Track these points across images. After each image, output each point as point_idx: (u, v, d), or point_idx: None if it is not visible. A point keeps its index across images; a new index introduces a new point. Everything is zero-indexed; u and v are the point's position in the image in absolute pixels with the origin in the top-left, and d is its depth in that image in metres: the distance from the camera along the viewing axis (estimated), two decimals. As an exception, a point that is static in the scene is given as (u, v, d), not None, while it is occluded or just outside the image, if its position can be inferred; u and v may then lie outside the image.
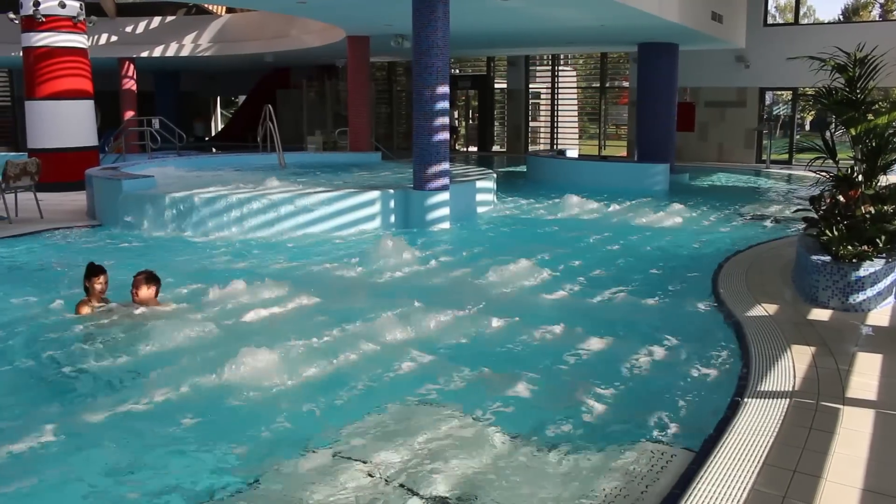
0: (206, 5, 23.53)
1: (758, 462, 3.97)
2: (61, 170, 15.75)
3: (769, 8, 23.23)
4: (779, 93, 24.61)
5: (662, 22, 14.88)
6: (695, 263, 9.26)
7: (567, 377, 5.55)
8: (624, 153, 25.74)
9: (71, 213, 13.28)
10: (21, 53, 17.09)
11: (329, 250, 10.12)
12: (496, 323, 6.72)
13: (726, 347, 6.02)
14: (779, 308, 6.89)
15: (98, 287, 6.85)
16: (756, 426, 4.38)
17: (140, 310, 6.75)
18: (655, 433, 4.56)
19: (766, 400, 4.77)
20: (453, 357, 5.90)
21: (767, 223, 12.45)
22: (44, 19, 16.27)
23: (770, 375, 5.18)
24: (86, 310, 6.78)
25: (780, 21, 26.63)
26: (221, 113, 37.58)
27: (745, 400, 4.77)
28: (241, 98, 34.78)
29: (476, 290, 7.95)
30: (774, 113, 24.94)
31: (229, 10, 23.80)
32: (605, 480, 4.00)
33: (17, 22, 16.94)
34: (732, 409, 4.65)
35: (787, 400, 4.77)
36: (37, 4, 16.10)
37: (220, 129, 34.96)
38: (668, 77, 19.25)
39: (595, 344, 6.23)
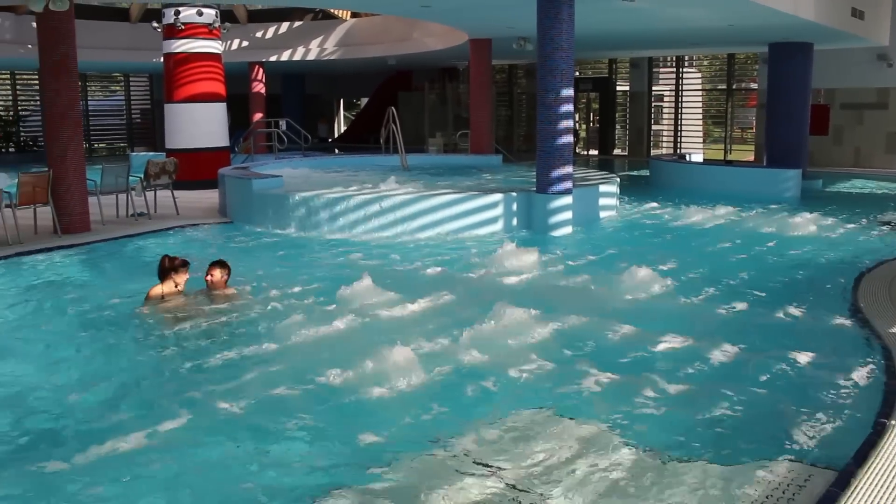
0: (332, 10, 24.12)
1: (908, 489, 3.74)
2: (196, 169, 16.48)
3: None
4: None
5: (797, 21, 14.24)
6: (830, 275, 8.82)
7: (696, 389, 5.37)
8: (751, 158, 24.82)
9: (204, 210, 13.89)
10: (161, 59, 18.04)
11: (451, 253, 10.17)
12: (619, 331, 6.59)
13: (867, 364, 5.70)
14: (927, 324, 6.48)
15: (179, 280, 7.34)
16: (906, 450, 4.13)
17: (215, 292, 7.42)
18: (791, 451, 4.36)
19: (916, 422, 4.49)
20: (577, 364, 5.82)
21: (912, 233, 11.74)
22: (183, 27, 17.12)
23: (920, 396, 4.88)
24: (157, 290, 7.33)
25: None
26: (344, 115, 38.44)
27: (893, 423, 4.49)
28: (363, 100, 35.50)
29: (598, 296, 7.84)
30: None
31: (354, 15, 24.32)
32: (737, 497, 3.85)
33: (159, 30, 17.90)
34: (878, 432, 4.39)
35: (940, 423, 4.48)
36: (177, 13, 16.97)
37: (342, 131, 35.78)
38: (802, 78, 18.41)
39: (724, 356, 6.01)
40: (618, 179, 14.15)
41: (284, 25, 24.76)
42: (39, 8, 10.93)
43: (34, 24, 17.65)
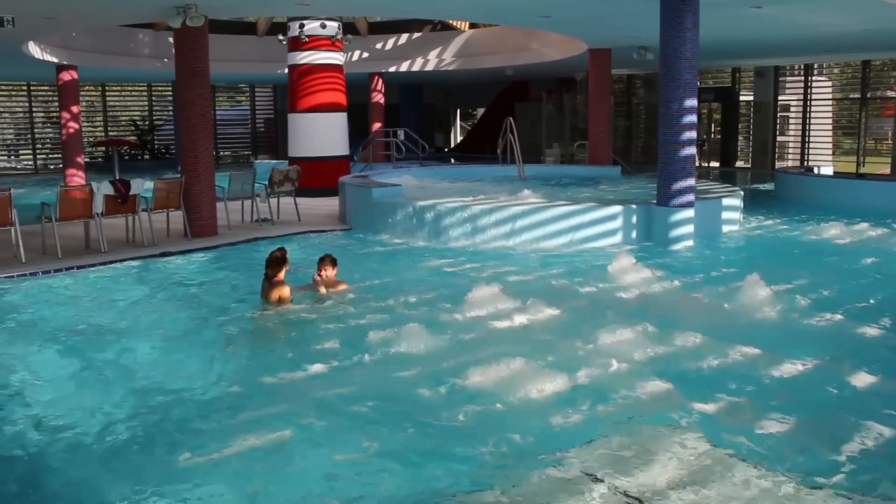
0: (450, 21, 24.37)
1: None
2: (317, 177, 16.94)
3: None
4: None
5: (942, 26, 13.46)
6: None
7: (821, 414, 5.11)
8: (886, 171, 23.54)
9: (325, 217, 14.26)
10: (286, 70, 18.67)
11: (568, 264, 10.07)
12: (740, 350, 6.32)
13: None
14: None
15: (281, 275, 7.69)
16: None
17: (322, 290, 7.88)
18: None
19: None
20: (694, 382, 5.65)
21: None
22: (307, 39, 17.68)
23: None
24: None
25: None
26: (460, 125, 38.75)
27: None
28: (479, 110, 35.67)
29: (719, 313, 7.57)
30: None
31: (472, 26, 24.49)
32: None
33: (284, 43, 18.54)
34: None
35: None
36: (302, 26, 17.54)
37: (459, 141, 36.06)
38: (945, 87, 17.36)
39: (856, 381, 5.68)
40: (741, 192, 13.69)
41: (404, 37, 25.17)
42: (178, 24, 11.53)
43: (171, 39, 18.57)
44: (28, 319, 7.69)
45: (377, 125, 25.30)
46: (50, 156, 30.58)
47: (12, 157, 31.00)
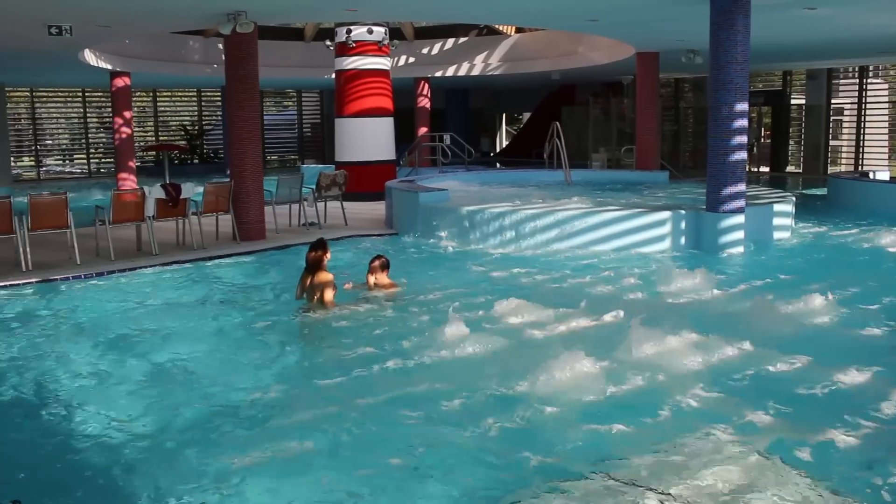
0: (497, 26, 24.34)
1: None
2: (364, 181, 17.04)
3: None
4: None
5: None
6: None
7: (881, 428, 4.97)
8: (944, 176, 22.91)
9: (371, 221, 14.33)
10: (333, 76, 18.82)
11: (616, 270, 9.97)
12: (791, 360, 6.18)
13: None
14: None
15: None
16: None
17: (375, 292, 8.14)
18: None
19: None
20: (745, 392, 5.55)
21: None
22: (354, 45, 17.82)
23: None
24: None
25: None
26: (506, 129, 38.69)
27: None
28: (525, 115, 35.58)
29: (769, 322, 7.38)
30: None
31: (519, 30, 24.44)
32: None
33: (331, 48, 18.71)
34: None
35: None
36: (349, 32, 17.68)
37: (504, 145, 36.01)
38: None
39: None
40: (793, 198, 13.43)
41: (450, 42, 25.22)
42: (228, 30, 11.70)
43: (220, 46, 18.85)
44: (82, 320, 7.86)
45: (423, 130, 25.38)
46: (103, 160, 31.25)
47: (67, 162, 31.74)
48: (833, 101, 26.25)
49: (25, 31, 12.76)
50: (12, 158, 27.44)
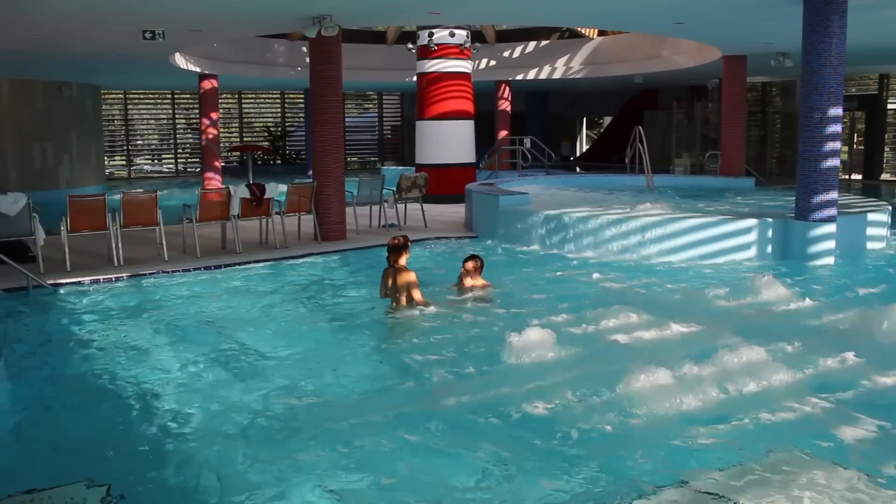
0: (579, 29, 24.12)
1: None
2: (444, 184, 17.09)
3: None
4: None
5: None
6: None
7: None
8: None
9: (451, 223, 14.35)
10: (414, 79, 18.95)
11: (700, 278, 9.75)
12: (886, 376, 5.92)
13: None
14: None
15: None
16: None
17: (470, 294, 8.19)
18: None
19: None
20: (839, 408, 5.32)
21: None
22: (436, 48, 17.90)
23: None
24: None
25: None
26: (586, 133, 38.34)
27: None
28: (606, 119, 35.19)
29: (861, 335, 7.09)
30: None
31: (601, 33, 24.17)
32: None
33: (413, 51, 18.84)
34: None
35: None
36: (431, 35, 17.77)
37: (585, 150, 35.68)
38: None
39: None
40: (889, 207, 12.89)
41: (531, 45, 25.11)
42: (313, 34, 11.88)
43: (304, 49, 19.16)
44: (168, 315, 8.08)
45: (503, 133, 25.33)
46: (189, 160, 32.17)
47: (156, 161, 32.79)
48: (933, 106, 25.18)
49: (122, 36, 13.23)
50: (106, 158, 28.47)
